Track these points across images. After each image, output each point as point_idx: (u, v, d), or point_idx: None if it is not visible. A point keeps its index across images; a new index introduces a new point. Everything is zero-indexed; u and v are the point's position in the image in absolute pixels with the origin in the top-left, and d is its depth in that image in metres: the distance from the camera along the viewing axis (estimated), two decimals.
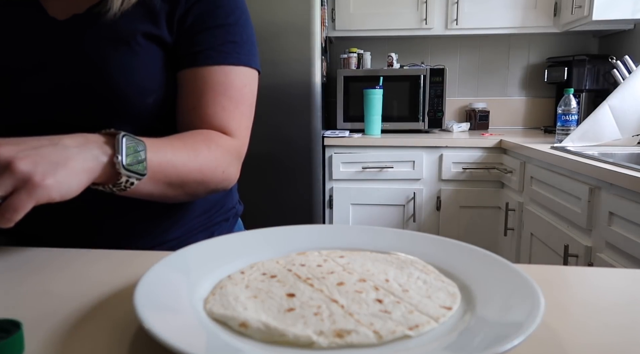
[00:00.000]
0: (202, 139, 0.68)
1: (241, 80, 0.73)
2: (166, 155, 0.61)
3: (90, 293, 0.49)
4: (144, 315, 0.37)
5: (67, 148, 0.50)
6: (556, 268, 0.57)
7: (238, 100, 0.72)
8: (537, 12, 2.51)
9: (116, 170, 0.54)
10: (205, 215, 0.80)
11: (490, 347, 0.34)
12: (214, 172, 0.67)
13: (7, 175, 0.45)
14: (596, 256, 1.48)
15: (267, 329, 0.37)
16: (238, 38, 0.73)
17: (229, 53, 0.71)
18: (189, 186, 0.66)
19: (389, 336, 0.37)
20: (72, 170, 0.49)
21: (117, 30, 0.68)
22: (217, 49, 0.71)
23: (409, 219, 2.38)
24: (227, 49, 0.71)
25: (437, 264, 0.51)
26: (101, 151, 0.53)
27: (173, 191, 0.65)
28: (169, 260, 0.49)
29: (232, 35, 0.72)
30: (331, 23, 2.60)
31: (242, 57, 0.73)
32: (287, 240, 0.57)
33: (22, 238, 0.73)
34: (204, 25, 0.71)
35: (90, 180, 0.52)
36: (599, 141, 1.87)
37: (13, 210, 0.45)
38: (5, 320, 0.38)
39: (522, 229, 2.06)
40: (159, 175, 0.60)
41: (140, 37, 0.68)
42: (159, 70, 0.70)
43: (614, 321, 0.43)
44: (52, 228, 0.72)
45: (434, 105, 2.53)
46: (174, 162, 0.62)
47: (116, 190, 0.56)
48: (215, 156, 0.67)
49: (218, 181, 0.69)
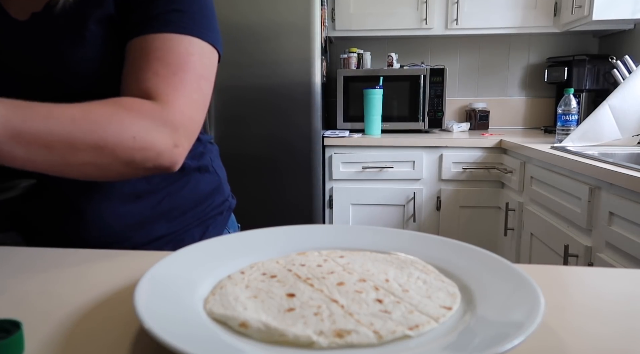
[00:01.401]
0: (105, 103, 0.60)
1: (185, 48, 0.66)
2: (36, 113, 0.55)
3: (90, 293, 0.49)
4: (144, 315, 0.37)
5: None
6: (556, 268, 0.57)
7: (178, 66, 0.65)
8: (537, 12, 2.51)
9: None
10: (197, 208, 0.80)
11: (490, 347, 0.34)
12: (118, 136, 0.58)
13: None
14: (596, 256, 1.48)
15: (267, 329, 0.37)
16: (185, 7, 0.67)
17: (172, 21, 0.66)
18: (83, 152, 0.57)
19: (389, 336, 0.37)
20: None
21: (70, 22, 0.66)
22: (159, 18, 0.66)
23: (409, 219, 2.38)
24: (171, 18, 0.66)
25: (437, 264, 0.51)
26: None
27: (61, 158, 0.57)
28: (169, 260, 0.49)
29: (177, 4, 0.67)
30: (331, 23, 2.60)
31: (188, 26, 0.67)
32: (287, 240, 0.57)
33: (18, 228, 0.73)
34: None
35: None
36: (599, 141, 1.87)
37: None
38: (6, 320, 0.38)
39: (522, 229, 2.06)
40: (25, 135, 0.53)
41: (92, 23, 0.66)
42: (117, 58, 0.68)
43: (614, 321, 0.43)
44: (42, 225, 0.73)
45: (434, 105, 2.53)
46: (48, 122, 0.55)
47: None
48: (119, 120, 0.59)
49: (130, 149, 0.59)
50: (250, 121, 2.27)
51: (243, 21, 2.18)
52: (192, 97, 0.66)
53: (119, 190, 0.73)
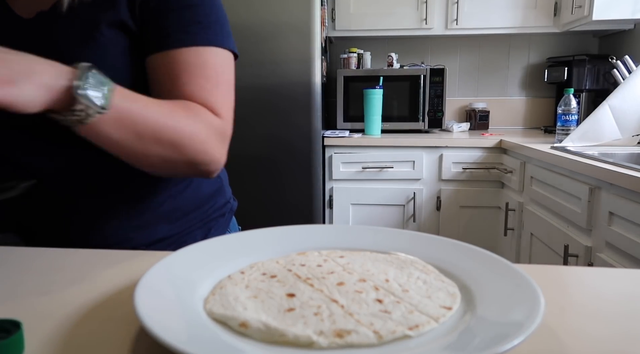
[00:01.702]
0: (182, 105, 0.65)
1: (214, 60, 0.70)
2: (137, 102, 0.60)
3: (90, 293, 0.49)
4: (144, 315, 0.37)
5: (35, 62, 0.53)
6: (556, 268, 0.57)
7: (216, 79, 0.69)
8: (537, 12, 2.51)
9: (72, 94, 0.53)
10: (199, 210, 0.80)
11: (490, 347, 0.34)
12: (192, 138, 0.64)
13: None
14: (596, 256, 1.48)
15: (267, 329, 0.37)
16: (204, 19, 0.70)
17: (197, 34, 0.69)
18: (161, 145, 0.62)
19: (389, 336, 0.37)
20: (35, 82, 0.51)
21: (80, 23, 0.67)
22: (184, 31, 0.69)
23: (409, 219, 2.38)
24: (194, 30, 0.69)
25: (437, 264, 0.51)
26: (64, 74, 0.54)
27: (144, 146, 0.62)
28: (169, 260, 0.49)
29: (198, 16, 0.70)
30: (331, 23, 2.60)
31: (211, 37, 0.70)
32: (287, 240, 0.57)
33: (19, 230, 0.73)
34: (167, 7, 0.69)
35: (48, 98, 0.53)
36: (599, 141, 1.87)
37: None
38: (6, 320, 0.38)
39: (522, 229, 2.06)
40: (126, 120, 0.59)
41: (104, 27, 0.67)
42: (126, 59, 0.69)
43: (613, 321, 0.43)
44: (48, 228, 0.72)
45: (434, 105, 2.53)
46: (145, 112, 0.60)
47: (74, 120, 0.55)
48: (193, 123, 0.65)
49: (196, 152, 0.65)
50: (250, 121, 2.27)
51: (243, 21, 2.18)
52: (232, 106, 0.72)
53: (122, 191, 0.73)
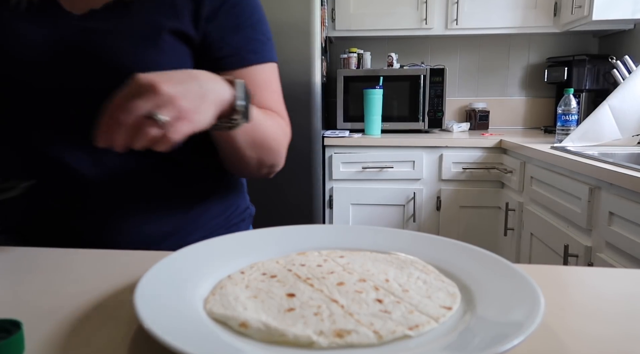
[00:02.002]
0: (272, 115, 0.75)
1: (274, 75, 0.78)
2: (258, 114, 0.68)
3: (90, 293, 0.49)
4: (144, 315, 0.37)
5: (205, 83, 0.57)
6: (556, 268, 0.57)
7: (279, 93, 0.79)
8: (537, 12, 2.51)
9: (233, 107, 0.60)
10: (222, 216, 0.80)
11: (490, 347, 0.34)
12: (279, 144, 0.74)
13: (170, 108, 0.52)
14: (596, 256, 1.48)
15: (267, 329, 0.37)
16: (262, 36, 0.76)
17: (259, 52, 0.75)
18: (264, 150, 0.71)
19: (389, 336, 0.37)
20: (209, 103, 0.57)
21: (141, 26, 0.68)
22: (247, 49, 0.74)
23: (409, 219, 2.38)
24: (256, 49, 0.75)
25: (437, 264, 0.51)
26: (227, 88, 0.59)
27: (253, 151, 0.70)
28: (169, 260, 0.49)
29: (258, 34, 0.75)
30: (331, 23, 2.60)
31: (267, 54, 0.76)
32: (287, 240, 0.57)
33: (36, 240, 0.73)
34: (233, 25, 0.72)
35: (217, 112, 0.59)
36: (599, 141, 1.87)
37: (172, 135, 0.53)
38: (6, 320, 0.38)
39: (522, 229, 2.06)
40: (251, 128, 0.66)
41: (166, 33, 0.68)
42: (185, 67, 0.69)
43: (613, 321, 0.43)
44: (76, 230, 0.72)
45: (434, 105, 2.53)
46: (262, 122, 0.69)
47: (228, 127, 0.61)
48: (279, 130, 0.74)
49: (277, 156, 0.75)
50: None
51: None
52: None
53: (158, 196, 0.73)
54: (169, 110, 0.52)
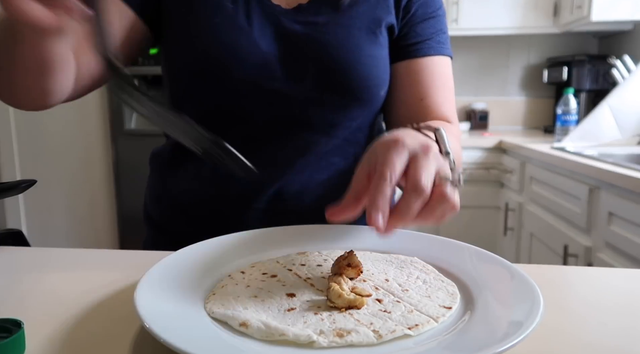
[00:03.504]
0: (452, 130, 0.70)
1: (450, 70, 0.76)
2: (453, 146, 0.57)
3: (91, 293, 0.49)
4: (144, 315, 0.37)
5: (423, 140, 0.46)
6: (556, 268, 0.57)
7: (452, 90, 0.76)
8: (537, 13, 2.51)
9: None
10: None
11: (490, 346, 0.34)
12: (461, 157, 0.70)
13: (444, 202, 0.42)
14: (596, 256, 1.48)
15: (268, 329, 0.37)
16: (445, 28, 0.75)
17: (443, 44, 0.74)
18: None
19: (388, 335, 0.37)
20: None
21: (361, 19, 0.68)
22: (435, 39, 0.73)
23: None
24: (442, 40, 0.74)
25: (437, 264, 0.51)
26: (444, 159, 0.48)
27: None
28: (170, 260, 0.49)
29: (442, 25, 0.75)
30: None
31: (448, 47, 0.75)
32: (287, 240, 0.57)
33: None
34: (424, 15, 0.72)
35: None
36: (599, 141, 1.87)
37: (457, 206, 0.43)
38: (7, 320, 0.38)
39: (522, 229, 2.06)
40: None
41: (384, 28, 0.69)
42: (389, 61, 0.71)
43: (613, 320, 0.43)
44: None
45: None
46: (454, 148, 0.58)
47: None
48: (459, 143, 0.71)
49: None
50: None
51: None
52: None
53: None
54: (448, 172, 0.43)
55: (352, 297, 0.41)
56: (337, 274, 0.45)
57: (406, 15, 0.72)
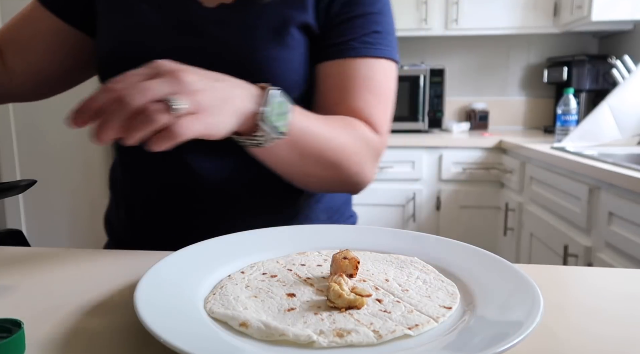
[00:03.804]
0: (348, 123, 0.66)
1: (384, 74, 0.70)
2: (311, 125, 0.59)
3: (91, 293, 0.49)
4: (144, 315, 0.37)
5: (233, 88, 0.51)
6: (556, 268, 0.57)
7: (381, 95, 0.69)
8: (537, 13, 2.51)
9: (256, 121, 0.53)
10: (328, 221, 0.78)
11: (490, 346, 0.34)
12: (351, 158, 0.64)
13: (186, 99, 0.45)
14: (596, 256, 1.48)
15: (268, 329, 0.37)
16: (381, 28, 0.69)
17: (373, 44, 0.68)
18: (322, 165, 0.63)
19: (388, 335, 0.37)
20: (231, 109, 0.50)
21: (269, 20, 0.66)
22: (361, 40, 0.68)
23: (409, 219, 2.38)
24: (371, 40, 0.68)
25: (437, 264, 0.51)
26: (254, 98, 0.53)
27: (304, 166, 0.62)
28: (170, 260, 0.49)
29: (375, 25, 0.69)
30: None
31: (384, 48, 0.69)
32: (287, 240, 0.57)
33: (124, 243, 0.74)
34: (349, 13, 0.68)
35: (237, 123, 0.52)
36: (599, 141, 1.88)
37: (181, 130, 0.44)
38: (7, 320, 0.38)
39: (522, 229, 2.06)
40: (297, 143, 0.58)
41: (293, 27, 0.66)
42: (305, 63, 0.68)
43: (613, 321, 0.43)
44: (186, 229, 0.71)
45: (433, 105, 2.53)
46: (315, 135, 0.60)
47: (253, 143, 0.55)
48: (354, 143, 0.64)
49: (352, 172, 0.65)
50: None
51: None
52: (389, 121, 0.72)
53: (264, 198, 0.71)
54: (185, 101, 0.45)
55: (352, 297, 0.41)
56: (336, 273, 0.45)
57: (328, 14, 0.68)
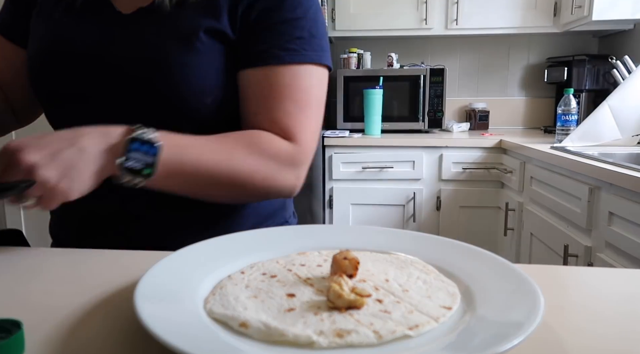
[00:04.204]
0: (245, 143, 0.65)
1: (308, 81, 0.68)
2: (190, 153, 0.61)
3: (90, 293, 0.49)
4: (144, 315, 0.37)
5: (83, 151, 0.55)
6: (556, 268, 0.57)
7: (304, 102, 0.68)
8: (537, 12, 2.51)
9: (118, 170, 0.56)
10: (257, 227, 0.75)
11: (490, 347, 0.34)
12: (251, 178, 0.64)
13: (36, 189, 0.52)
14: (596, 256, 1.48)
15: (267, 329, 0.37)
16: (306, 33, 0.67)
17: (295, 51, 0.67)
18: (222, 188, 0.65)
19: (389, 336, 0.37)
20: (85, 174, 0.55)
21: (179, 25, 0.66)
22: (282, 47, 0.66)
23: (409, 219, 2.38)
24: (294, 46, 0.67)
25: (437, 264, 0.51)
26: (109, 153, 0.56)
27: (204, 191, 0.65)
28: (169, 260, 0.49)
29: (299, 30, 0.67)
30: (331, 23, 2.60)
31: (309, 54, 0.67)
32: (287, 240, 0.57)
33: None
34: (269, 20, 0.67)
35: (99, 180, 0.57)
36: (599, 141, 1.87)
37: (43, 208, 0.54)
38: (6, 320, 0.38)
39: (522, 229, 2.06)
40: (179, 173, 0.61)
41: (203, 33, 0.66)
42: (220, 69, 0.67)
43: (613, 321, 0.43)
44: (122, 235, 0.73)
45: (433, 105, 2.53)
46: (198, 161, 0.61)
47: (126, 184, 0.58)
48: (254, 161, 0.64)
49: (261, 187, 0.65)
50: None
51: None
52: (314, 128, 0.70)
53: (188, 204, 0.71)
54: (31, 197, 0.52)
55: (352, 297, 0.41)
56: (336, 273, 0.45)
57: (246, 21, 0.67)
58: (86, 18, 0.70)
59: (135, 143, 0.57)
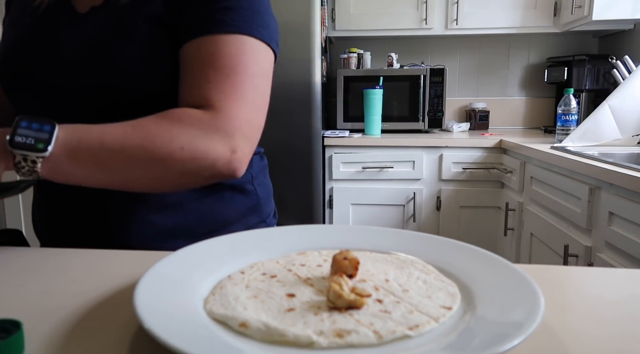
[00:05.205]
0: (154, 116, 0.61)
1: (236, 48, 0.64)
2: (92, 131, 0.58)
3: (90, 293, 0.49)
4: (144, 315, 0.37)
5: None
6: (556, 268, 0.57)
7: (230, 69, 0.63)
8: (537, 12, 2.51)
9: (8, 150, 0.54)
10: (227, 229, 0.76)
11: (490, 347, 0.34)
12: (166, 147, 0.58)
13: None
14: (596, 256, 1.48)
15: (267, 329, 0.37)
16: (235, 3, 0.65)
17: (222, 20, 0.64)
18: (139, 167, 0.59)
19: (389, 336, 0.37)
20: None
21: (121, 19, 0.67)
22: (209, 19, 0.64)
23: (409, 219, 2.38)
24: (221, 17, 0.64)
25: (437, 264, 0.51)
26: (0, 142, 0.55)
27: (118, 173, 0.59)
28: (169, 260, 0.49)
29: (228, 2, 0.64)
30: (331, 23, 2.60)
31: (239, 24, 0.64)
32: (287, 240, 0.57)
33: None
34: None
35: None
36: (599, 141, 1.87)
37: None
38: (6, 320, 0.38)
39: (522, 229, 2.06)
40: (83, 153, 0.57)
41: (142, 22, 0.66)
42: (163, 57, 0.67)
43: (613, 321, 0.43)
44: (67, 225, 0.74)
45: (434, 105, 2.53)
46: (102, 140, 0.57)
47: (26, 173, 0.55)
48: (165, 130, 0.59)
49: (181, 160, 0.59)
50: None
51: None
52: (247, 97, 0.63)
53: (146, 198, 0.72)
54: None
55: (352, 297, 0.41)
56: (337, 273, 0.45)
57: (179, 2, 0.66)
58: (48, 20, 0.72)
59: (23, 122, 0.56)
